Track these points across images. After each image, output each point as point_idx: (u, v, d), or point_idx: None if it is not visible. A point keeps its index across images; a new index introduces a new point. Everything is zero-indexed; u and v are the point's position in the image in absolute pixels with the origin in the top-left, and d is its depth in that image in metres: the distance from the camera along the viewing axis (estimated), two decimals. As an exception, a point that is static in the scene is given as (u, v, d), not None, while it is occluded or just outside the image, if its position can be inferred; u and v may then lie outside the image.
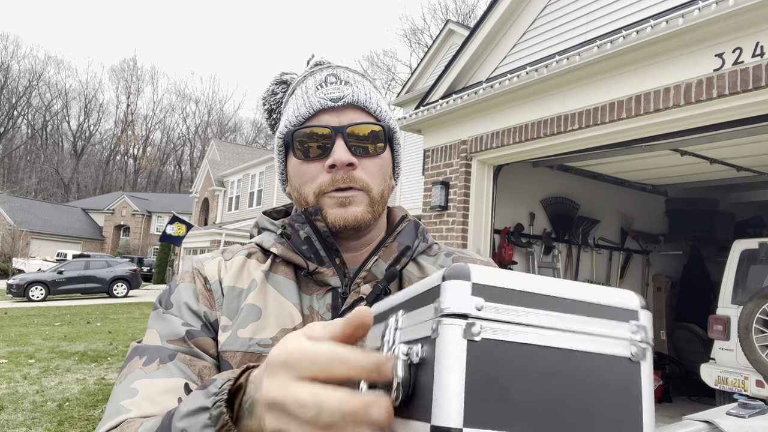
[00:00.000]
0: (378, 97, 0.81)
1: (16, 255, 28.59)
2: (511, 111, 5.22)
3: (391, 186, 0.84)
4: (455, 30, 11.57)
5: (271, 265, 0.80)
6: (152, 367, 0.67)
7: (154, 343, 0.71)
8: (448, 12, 34.66)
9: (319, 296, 0.77)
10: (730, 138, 4.37)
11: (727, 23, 3.52)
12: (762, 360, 4.50)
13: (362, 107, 0.78)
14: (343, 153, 0.74)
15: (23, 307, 15.03)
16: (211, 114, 61.98)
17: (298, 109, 0.78)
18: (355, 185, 0.76)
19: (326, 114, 0.76)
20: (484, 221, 5.67)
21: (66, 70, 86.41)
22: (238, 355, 0.72)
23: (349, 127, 0.75)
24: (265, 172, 21.55)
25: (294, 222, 0.79)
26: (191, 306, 0.75)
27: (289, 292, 0.77)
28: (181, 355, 0.70)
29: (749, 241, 5.35)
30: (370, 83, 0.83)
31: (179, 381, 0.67)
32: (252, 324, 0.74)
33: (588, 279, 7.03)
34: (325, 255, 0.78)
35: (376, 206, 0.78)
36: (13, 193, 40.30)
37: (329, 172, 0.75)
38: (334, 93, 0.77)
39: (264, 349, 0.73)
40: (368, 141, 0.77)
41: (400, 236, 0.82)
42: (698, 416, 1.04)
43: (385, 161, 0.80)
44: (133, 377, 0.67)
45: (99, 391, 6.00)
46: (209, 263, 0.81)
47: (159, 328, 0.73)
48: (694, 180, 6.70)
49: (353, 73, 0.81)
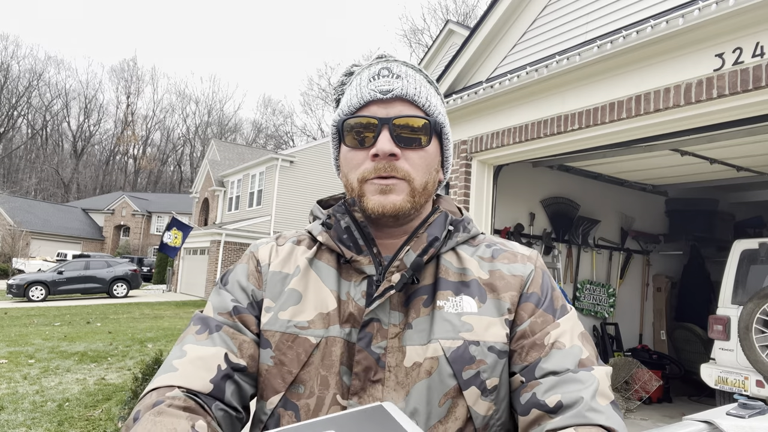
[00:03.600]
0: (429, 92, 0.84)
1: (16, 255, 28.59)
2: (511, 111, 5.22)
3: (438, 179, 0.88)
4: (455, 30, 11.57)
5: (317, 252, 0.86)
6: (203, 336, 0.79)
7: (208, 314, 0.82)
8: (448, 12, 34.69)
9: (356, 283, 0.81)
10: (730, 138, 4.37)
11: (727, 23, 3.52)
12: (762, 360, 4.50)
13: (411, 101, 0.81)
14: (386, 143, 0.77)
15: (23, 307, 15.03)
16: (211, 114, 62.01)
17: (351, 100, 0.82)
18: (396, 174, 0.79)
19: (375, 105, 0.80)
20: (484, 221, 5.67)
21: (66, 70, 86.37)
22: (277, 335, 0.79)
23: (395, 119, 0.79)
24: (265, 172, 21.54)
25: (336, 212, 0.85)
26: (242, 284, 0.84)
27: (329, 278, 0.82)
28: (227, 327, 0.79)
29: (749, 241, 5.35)
30: (424, 78, 0.85)
31: (220, 350, 0.77)
32: (292, 307, 0.80)
33: (588, 279, 7.03)
34: (363, 244, 0.82)
35: (418, 197, 0.81)
36: (13, 193, 40.29)
37: (373, 160, 0.79)
38: (385, 86, 0.80)
39: (300, 331, 0.78)
40: (413, 133, 0.80)
41: (431, 227, 0.84)
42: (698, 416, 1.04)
43: (429, 154, 0.83)
44: (186, 341, 0.79)
45: (99, 391, 6.00)
46: (263, 247, 0.89)
47: (214, 301, 0.83)
48: (694, 180, 6.70)
49: (407, 68, 0.84)
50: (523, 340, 0.78)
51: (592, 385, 0.73)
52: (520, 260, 0.85)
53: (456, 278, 0.82)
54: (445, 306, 0.79)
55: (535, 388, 0.74)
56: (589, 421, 0.69)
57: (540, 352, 0.77)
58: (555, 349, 0.76)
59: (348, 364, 0.76)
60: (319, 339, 0.77)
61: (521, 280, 0.83)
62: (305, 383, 0.76)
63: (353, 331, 0.77)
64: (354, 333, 0.77)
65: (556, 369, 0.75)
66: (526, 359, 0.77)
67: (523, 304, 0.81)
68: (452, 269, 0.83)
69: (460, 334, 0.77)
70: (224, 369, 0.76)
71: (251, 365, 0.79)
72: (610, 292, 7.10)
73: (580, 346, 0.78)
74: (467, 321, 0.78)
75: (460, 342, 0.76)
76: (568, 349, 0.77)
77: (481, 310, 0.79)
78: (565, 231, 6.74)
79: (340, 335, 0.77)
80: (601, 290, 7.07)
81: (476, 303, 0.80)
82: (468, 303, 0.80)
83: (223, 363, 0.76)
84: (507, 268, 0.84)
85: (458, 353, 0.76)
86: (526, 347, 0.78)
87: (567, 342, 0.77)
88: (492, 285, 0.82)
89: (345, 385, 0.75)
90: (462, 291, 0.81)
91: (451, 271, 0.83)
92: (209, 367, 0.75)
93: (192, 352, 0.76)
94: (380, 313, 0.77)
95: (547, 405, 0.72)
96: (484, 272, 0.83)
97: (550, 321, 0.80)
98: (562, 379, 0.73)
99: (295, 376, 0.77)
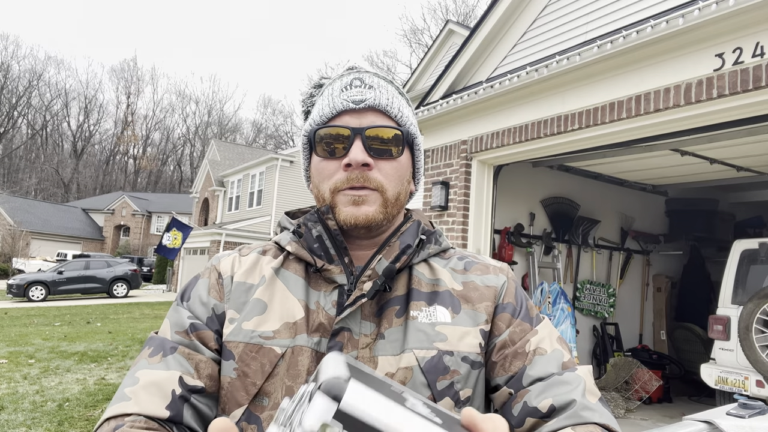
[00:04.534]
0: (401, 103, 0.84)
1: (16, 255, 28.60)
2: (511, 111, 5.22)
3: (410, 190, 0.87)
4: (455, 30, 11.56)
5: (283, 261, 0.84)
6: (156, 358, 0.75)
7: (163, 334, 0.79)
8: (448, 12, 34.68)
9: (326, 293, 0.80)
10: (730, 138, 4.37)
11: (727, 23, 3.52)
12: (762, 360, 4.50)
13: (383, 111, 0.81)
14: (359, 153, 0.77)
15: (23, 307, 15.03)
16: (211, 114, 61.98)
17: (323, 110, 0.81)
18: (369, 185, 0.78)
19: (348, 115, 0.80)
20: (484, 221, 5.67)
21: (66, 70, 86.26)
22: (240, 346, 0.76)
23: (368, 129, 0.78)
24: (265, 173, 21.54)
25: (308, 221, 0.84)
26: (202, 298, 0.82)
27: (297, 288, 0.80)
28: (182, 348, 0.76)
29: (749, 241, 5.35)
30: (395, 89, 0.85)
31: (174, 374, 0.74)
32: (256, 317, 0.78)
33: (588, 279, 7.04)
34: (335, 253, 0.81)
35: (390, 208, 0.81)
36: (13, 193, 40.30)
37: (345, 170, 0.78)
38: (357, 96, 0.80)
39: (265, 341, 0.76)
40: (386, 144, 0.79)
41: (403, 236, 0.84)
42: (698, 416, 1.04)
43: (402, 165, 0.82)
44: (139, 366, 0.75)
45: (99, 391, 6.00)
46: (225, 259, 0.86)
47: (172, 318, 0.80)
48: (694, 180, 6.70)
49: (379, 79, 0.84)
50: (504, 350, 0.79)
51: (579, 385, 0.74)
52: (492, 272, 0.86)
53: (429, 289, 0.82)
54: (419, 316, 0.78)
55: (525, 396, 0.74)
56: (585, 420, 0.70)
57: (523, 360, 0.77)
58: (537, 355, 0.77)
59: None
60: (284, 349, 0.75)
61: (495, 291, 0.84)
62: (269, 395, 0.74)
63: (323, 340, 0.76)
64: (323, 342, 0.76)
65: (542, 375, 0.75)
66: (510, 369, 0.77)
67: (500, 315, 0.82)
68: (425, 280, 0.83)
69: (434, 344, 0.77)
70: (179, 393, 0.73)
71: (210, 385, 0.76)
72: (610, 292, 7.10)
73: (560, 349, 0.79)
74: (441, 331, 0.78)
75: (435, 352, 0.76)
76: (550, 354, 0.78)
77: (455, 321, 0.79)
78: (565, 231, 6.74)
79: (308, 344, 0.76)
80: (601, 290, 7.07)
81: (450, 313, 0.80)
82: (442, 313, 0.80)
83: (178, 387, 0.73)
84: (480, 279, 0.85)
85: (432, 363, 0.75)
86: (509, 357, 0.78)
87: (548, 347, 0.78)
88: (466, 296, 0.82)
89: None
90: (435, 301, 0.81)
91: (423, 282, 0.82)
92: (164, 393, 0.72)
93: (144, 377, 0.73)
94: (351, 322, 0.76)
95: (539, 410, 0.72)
96: (457, 283, 0.84)
97: (528, 329, 0.80)
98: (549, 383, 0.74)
99: (259, 387, 0.74)
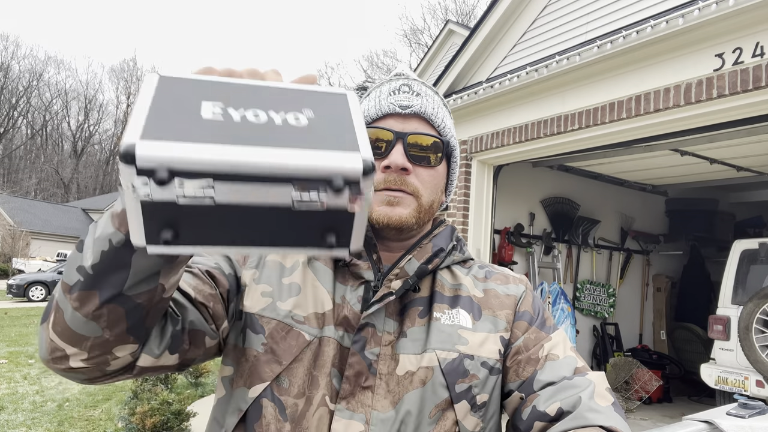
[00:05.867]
0: (445, 113, 0.86)
1: (16, 255, 28.59)
2: (511, 111, 5.22)
3: (441, 201, 0.88)
4: (455, 30, 11.55)
5: None
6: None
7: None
8: (448, 12, 34.68)
9: (353, 288, 0.81)
10: (730, 138, 4.37)
11: (727, 23, 3.52)
12: (762, 360, 4.50)
13: (428, 119, 0.82)
14: (399, 157, 0.78)
15: (23, 307, 15.03)
16: (211, 114, 61.83)
17: (369, 110, 0.84)
18: (405, 189, 0.79)
19: (393, 119, 0.81)
20: (484, 221, 5.67)
21: (66, 70, 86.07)
22: (273, 323, 0.77)
23: (411, 135, 0.80)
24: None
25: None
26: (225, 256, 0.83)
27: (326, 279, 0.81)
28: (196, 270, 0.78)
29: (749, 241, 5.35)
30: (440, 100, 0.87)
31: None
32: (292, 299, 0.79)
33: (588, 279, 7.03)
34: (364, 250, 0.82)
35: (423, 214, 0.82)
36: (13, 193, 40.28)
37: (384, 172, 0.79)
38: (405, 101, 0.82)
39: (296, 324, 0.77)
40: (426, 151, 0.81)
41: (436, 239, 0.86)
42: (698, 416, 1.04)
43: (439, 174, 0.84)
44: None
45: (99, 391, 6.00)
46: None
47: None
48: (694, 180, 6.69)
49: (426, 87, 0.86)
50: (518, 356, 0.80)
51: (588, 387, 0.74)
52: (512, 281, 0.89)
53: (451, 293, 0.84)
54: (442, 318, 0.80)
55: (535, 401, 0.75)
56: (589, 422, 0.69)
57: (535, 365, 0.78)
58: (549, 361, 0.78)
59: (339, 367, 0.76)
60: (312, 337, 0.76)
61: (515, 300, 0.85)
62: (291, 379, 0.75)
63: (346, 335, 0.77)
64: (347, 337, 0.77)
65: (553, 379, 0.76)
66: (522, 375, 0.78)
67: (517, 323, 0.83)
68: (447, 285, 0.84)
69: (456, 347, 0.78)
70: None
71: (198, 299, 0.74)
72: (610, 292, 7.10)
73: (573, 356, 0.80)
74: (462, 335, 0.79)
75: (456, 354, 0.77)
76: (562, 359, 0.79)
77: (476, 326, 0.81)
78: (565, 231, 6.74)
79: (334, 337, 0.77)
80: (601, 290, 7.07)
81: (471, 318, 0.81)
82: (464, 317, 0.81)
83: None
84: (501, 288, 0.87)
85: (453, 365, 0.76)
86: (522, 362, 0.79)
87: (560, 353, 0.79)
88: (487, 303, 0.84)
89: (334, 388, 0.74)
90: (458, 305, 0.82)
91: (446, 286, 0.84)
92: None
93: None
94: (375, 319, 0.77)
95: (548, 414, 0.73)
96: (478, 290, 0.85)
97: (543, 337, 0.82)
98: (559, 387, 0.75)
99: (284, 367, 0.75)
